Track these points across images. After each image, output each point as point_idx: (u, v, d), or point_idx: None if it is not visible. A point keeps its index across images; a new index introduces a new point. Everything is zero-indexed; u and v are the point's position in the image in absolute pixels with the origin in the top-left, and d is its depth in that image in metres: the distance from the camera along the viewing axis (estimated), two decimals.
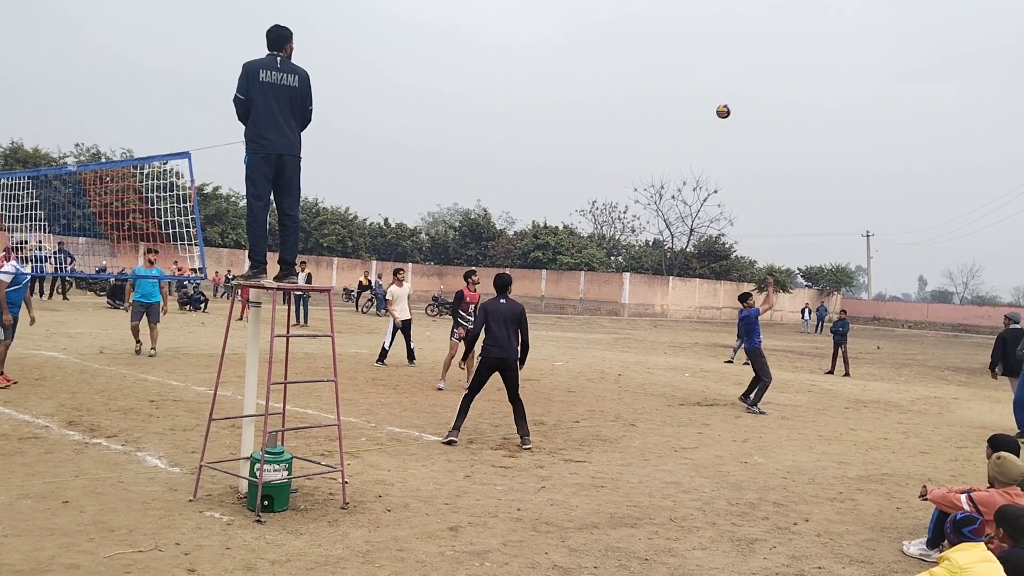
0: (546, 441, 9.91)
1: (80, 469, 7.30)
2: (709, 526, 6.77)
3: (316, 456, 8.05)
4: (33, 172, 12.00)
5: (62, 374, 12.64)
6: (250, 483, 6.45)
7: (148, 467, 7.54)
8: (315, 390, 12.24)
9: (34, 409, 9.82)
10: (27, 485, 6.70)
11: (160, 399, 11.05)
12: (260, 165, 6.59)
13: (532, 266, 61.94)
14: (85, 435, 8.63)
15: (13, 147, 46.70)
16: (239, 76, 6.61)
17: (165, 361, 15.09)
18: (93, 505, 6.26)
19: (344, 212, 63.83)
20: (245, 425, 7.05)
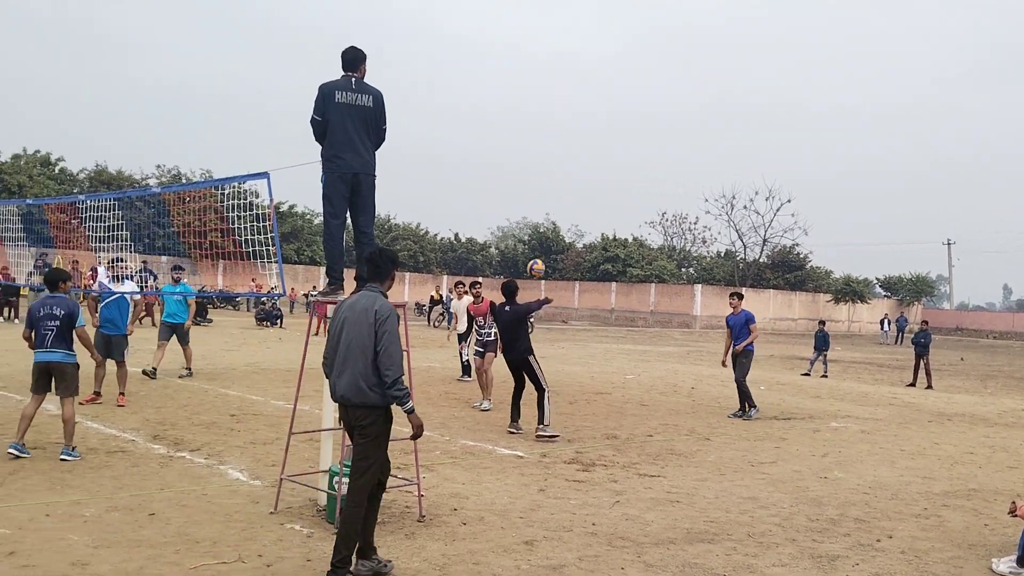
0: (619, 455, 9.86)
1: (165, 482, 7.53)
2: (789, 542, 6.65)
3: (391, 469, 8.13)
4: (119, 194, 12.45)
5: (147, 389, 13.05)
6: (329, 496, 6.57)
7: (230, 480, 7.73)
8: None
9: (121, 423, 10.15)
10: (115, 497, 6.93)
11: (240, 413, 11.32)
12: (337, 184, 6.75)
13: (601, 279, 61.72)
14: (170, 449, 8.89)
15: (98, 170, 48.46)
16: (316, 98, 6.79)
17: (244, 376, 15.46)
18: (178, 517, 6.45)
19: (415, 228, 64.64)
20: (324, 439, 7.18)
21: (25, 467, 7.72)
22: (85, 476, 7.55)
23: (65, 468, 7.78)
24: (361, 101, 6.81)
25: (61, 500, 6.74)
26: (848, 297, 61.86)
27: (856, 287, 61.94)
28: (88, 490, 7.09)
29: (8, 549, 5.50)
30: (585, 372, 20.10)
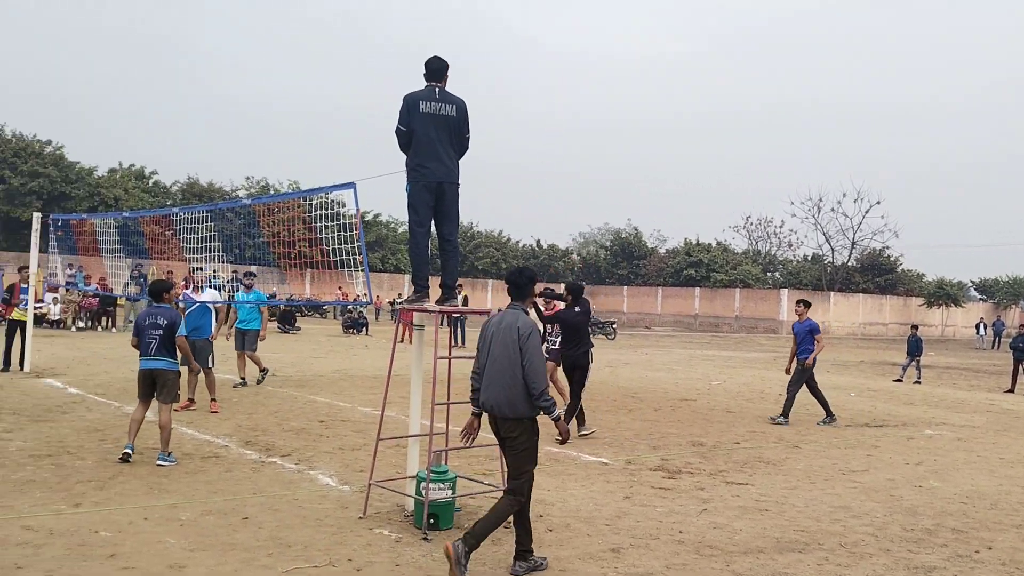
0: (706, 462, 9.71)
1: (258, 487, 7.71)
2: (883, 553, 6.45)
3: (478, 475, 8.19)
4: (211, 206, 12.85)
5: (238, 396, 13.41)
6: (416, 501, 6.64)
7: (320, 485, 7.88)
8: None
9: (214, 429, 10.45)
10: (210, 502, 7.13)
11: (329, 419, 11.54)
12: (421, 193, 6.83)
13: (685, 284, 61.03)
14: (261, 454, 9.12)
15: (190, 182, 50.08)
16: (400, 108, 6.89)
17: (332, 383, 15.76)
18: (271, 521, 6.60)
19: (498, 235, 64.99)
20: (411, 445, 7.27)
21: (124, 472, 8.01)
22: (181, 481, 7.79)
23: (162, 473, 8.04)
24: (445, 111, 6.89)
25: (158, 504, 6.97)
26: (941, 301, 59.75)
27: (950, 290, 59.81)
28: (184, 494, 7.32)
29: (109, 551, 5.71)
30: (669, 378, 19.88)
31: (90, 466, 8.17)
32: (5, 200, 41.06)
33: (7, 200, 41.05)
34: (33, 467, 8.01)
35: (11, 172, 41.00)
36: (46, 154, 43.01)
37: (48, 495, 7.06)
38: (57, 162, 43.06)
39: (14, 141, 42.51)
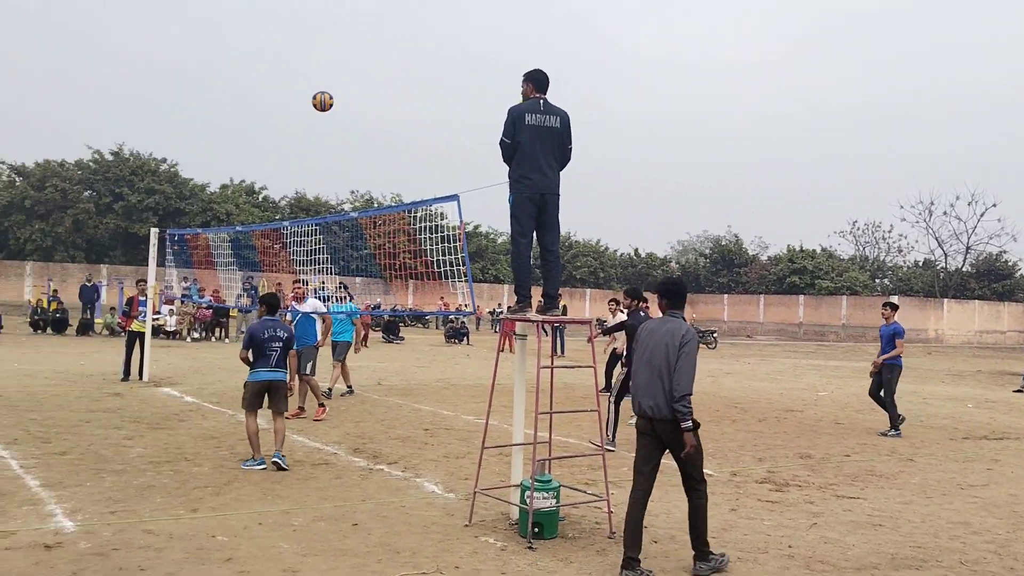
0: (814, 475, 9.45)
1: (366, 493, 7.88)
2: (1007, 571, 6.15)
3: (580, 485, 8.17)
4: (319, 220, 13.23)
5: (346, 404, 13.73)
6: (521, 510, 6.67)
7: (426, 492, 8.00)
8: (575, 419, 12.45)
9: (323, 437, 10.73)
10: (321, 508, 7.32)
11: (433, 427, 11.71)
12: (524, 204, 6.90)
13: (788, 292, 59.58)
14: (369, 461, 9.31)
15: (297, 197, 51.63)
16: (505, 121, 6.98)
17: (436, 392, 15.98)
18: (379, 528, 6.73)
19: (595, 244, 64.81)
20: (515, 453, 7.31)
21: (239, 478, 8.29)
22: (292, 487, 8.02)
23: (275, 479, 8.30)
24: (549, 122, 6.95)
25: (272, 510, 7.20)
26: None
27: None
28: (296, 500, 7.54)
29: (226, 555, 5.92)
30: (774, 388, 19.42)
31: (207, 472, 8.49)
32: (124, 216, 43.12)
33: (125, 216, 43.11)
34: (153, 473, 8.38)
35: (129, 190, 43.06)
36: (161, 172, 45.02)
37: (167, 500, 7.37)
38: (172, 179, 45.03)
39: (132, 160, 44.64)
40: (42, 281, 36.51)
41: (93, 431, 10.44)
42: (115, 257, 43.81)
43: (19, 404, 12.29)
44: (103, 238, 43.34)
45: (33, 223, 41.45)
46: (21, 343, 23.66)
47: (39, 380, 15.23)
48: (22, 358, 19.29)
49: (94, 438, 9.99)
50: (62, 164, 43.73)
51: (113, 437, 10.11)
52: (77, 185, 42.74)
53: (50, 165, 43.21)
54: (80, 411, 11.96)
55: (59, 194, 41.59)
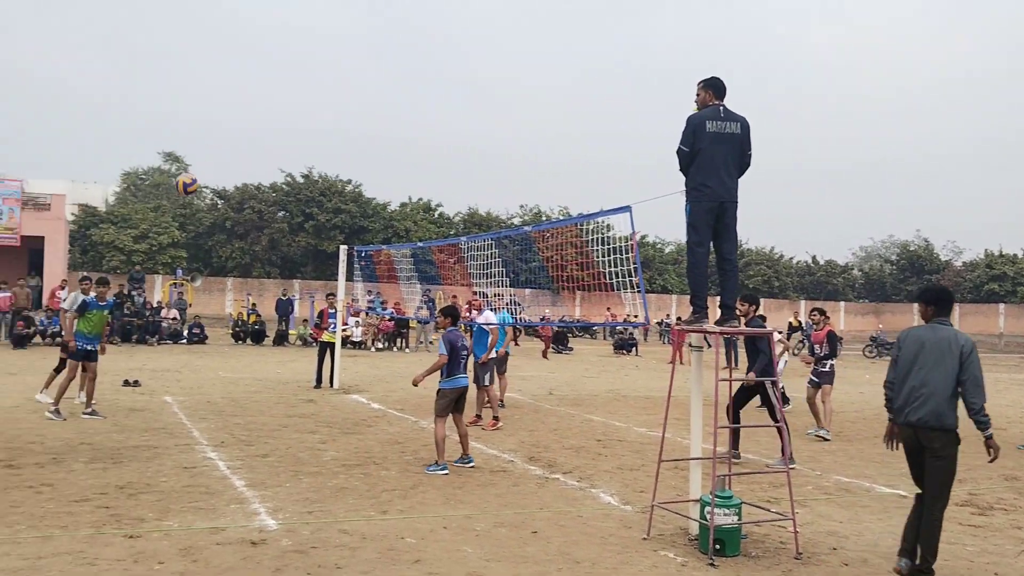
0: (1022, 499, 8.78)
1: (544, 502, 8.00)
2: None
3: (761, 502, 7.96)
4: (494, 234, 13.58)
5: (520, 413, 13.97)
6: (701, 525, 6.58)
7: (603, 503, 8.03)
8: (754, 434, 12.12)
9: (500, 445, 10.97)
10: (501, 514, 7.50)
11: (606, 439, 11.73)
12: (702, 213, 6.83)
13: (986, 300, 55.51)
14: (545, 470, 9.44)
15: (470, 212, 53.01)
16: (684, 129, 6.94)
17: (606, 403, 15.98)
18: (558, 537, 6.82)
19: (769, 252, 62.76)
20: (693, 468, 7.21)
21: (423, 483, 8.61)
22: (473, 493, 8.25)
23: (456, 484, 8.57)
24: (730, 128, 6.86)
25: (455, 514, 7.43)
26: None
27: None
28: (477, 506, 7.75)
29: (415, 557, 6.17)
30: None
31: (394, 476, 8.87)
32: (314, 234, 45.67)
33: (315, 234, 45.64)
34: (345, 475, 8.83)
35: (318, 209, 45.57)
36: (347, 192, 47.37)
37: (359, 502, 7.76)
38: (356, 199, 47.28)
39: (321, 182, 47.24)
40: (242, 295, 39.23)
41: (290, 435, 11.13)
42: (306, 272, 46.48)
43: (225, 409, 13.26)
44: (295, 255, 46.07)
45: (233, 242, 44.62)
46: (224, 353, 25.49)
47: (241, 387, 16.38)
48: (225, 367, 20.80)
49: (291, 442, 10.65)
50: (258, 187, 46.88)
51: (308, 441, 10.74)
52: (272, 206, 45.66)
53: (248, 188, 46.43)
54: (278, 416, 12.78)
55: (256, 215, 44.59)
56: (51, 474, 8.38)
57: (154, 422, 11.77)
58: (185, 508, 7.30)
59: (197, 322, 30.23)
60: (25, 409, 12.42)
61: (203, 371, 19.43)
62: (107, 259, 40.34)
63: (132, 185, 57.82)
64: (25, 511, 7.01)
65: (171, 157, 60.58)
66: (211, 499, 7.65)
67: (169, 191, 55.49)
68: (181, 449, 9.92)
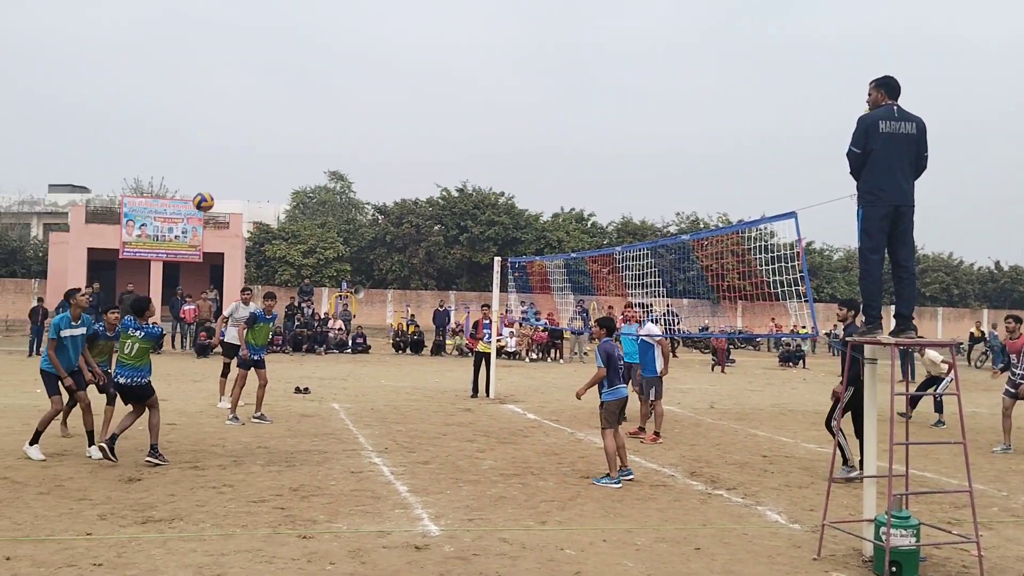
0: None
1: (706, 518, 7.79)
2: None
3: (942, 523, 7.46)
4: (650, 244, 13.41)
5: (680, 427, 13.70)
6: (876, 547, 6.23)
7: (769, 521, 7.74)
8: (932, 452, 11.40)
9: (659, 459, 10.78)
10: (662, 529, 7.35)
11: (772, 455, 11.32)
12: (877, 218, 6.50)
13: None
14: (707, 486, 9.20)
15: (624, 221, 52.66)
16: (855, 130, 6.63)
17: (772, 417, 15.45)
18: (723, 554, 6.62)
19: (947, 258, 59.14)
20: (867, 486, 6.84)
21: (581, 494, 8.57)
22: (633, 506, 8.14)
23: (615, 498, 8.47)
24: (905, 129, 6.51)
25: (615, 527, 7.35)
26: None
27: None
28: (637, 520, 7.64)
29: (575, 569, 6.13)
30: None
31: (552, 487, 8.88)
32: (468, 246, 46.63)
33: (470, 246, 46.58)
34: (504, 484, 8.91)
35: (472, 222, 46.50)
36: (500, 204, 48.11)
37: (518, 511, 7.80)
38: (509, 211, 47.94)
39: (475, 195, 48.20)
40: (401, 307, 40.48)
41: (450, 443, 11.35)
42: (461, 284, 47.50)
43: (387, 416, 13.69)
44: (451, 267, 47.16)
45: (393, 255, 46.15)
46: (386, 362, 26.36)
47: (402, 395, 16.87)
48: (387, 375, 21.50)
49: (451, 449, 10.86)
50: (415, 202, 48.32)
51: (467, 449, 10.92)
52: (428, 220, 46.95)
53: (406, 204, 47.94)
54: (438, 424, 13.07)
55: (414, 229, 45.96)
56: (232, 475, 8.88)
57: (323, 428, 12.28)
58: (353, 511, 7.56)
59: (360, 332, 31.45)
60: (208, 414, 13.24)
61: (366, 379, 20.16)
62: (279, 273, 42.56)
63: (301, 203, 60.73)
64: (209, 510, 7.45)
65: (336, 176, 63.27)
66: (377, 503, 7.89)
67: (334, 208, 58.08)
68: (349, 454, 10.30)
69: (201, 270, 37.06)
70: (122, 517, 7.14)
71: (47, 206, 55.56)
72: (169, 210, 34.83)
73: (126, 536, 6.59)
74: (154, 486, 8.30)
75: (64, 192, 57.62)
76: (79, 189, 58.60)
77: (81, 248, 34.22)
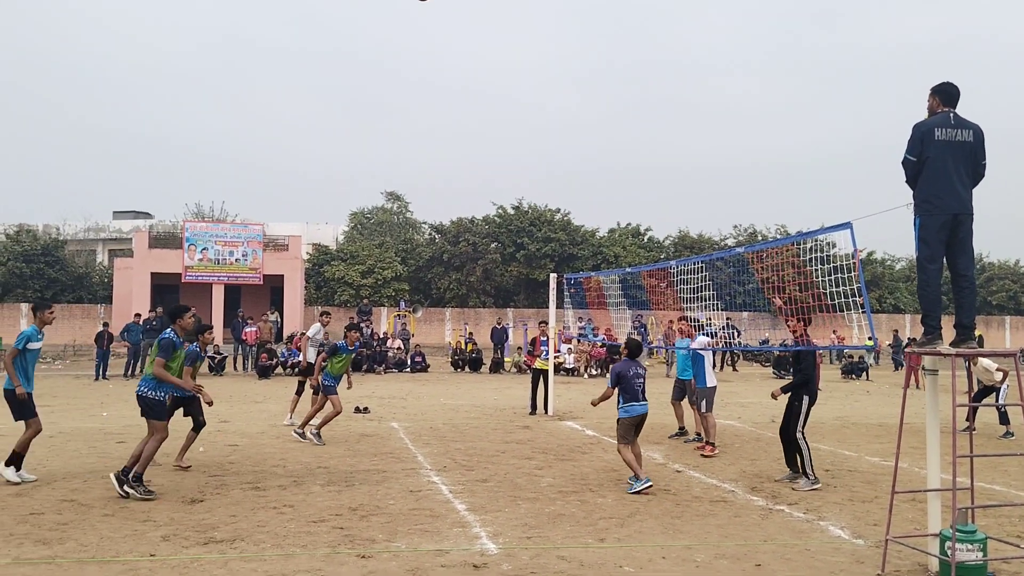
0: None
1: (767, 534, 7.70)
2: None
3: (1010, 537, 7.27)
4: (705, 257, 13.33)
5: (740, 441, 13.54)
6: (941, 562, 6.10)
7: (831, 536, 7.62)
8: (1000, 464, 11.10)
9: (719, 474, 10.67)
10: (722, 545, 7.28)
11: (835, 469, 11.13)
12: (934, 227, 6.41)
13: None
14: (768, 501, 9.09)
15: (681, 235, 52.32)
16: (910, 138, 6.58)
17: (835, 430, 15.18)
18: (784, 570, 6.54)
19: (1014, 265, 57.49)
20: (931, 500, 6.71)
21: (640, 511, 8.53)
22: (693, 523, 8.08)
23: (675, 514, 8.42)
24: (961, 136, 6.43)
25: (674, 544, 7.30)
26: None
27: None
28: (697, 536, 7.58)
29: None
30: None
31: (610, 503, 8.85)
32: (525, 264, 46.76)
33: (527, 263, 46.71)
34: (562, 502, 8.91)
35: (529, 239, 46.65)
36: (556, 221, 48.19)
37: (576, 528, 7.80)
38: (565, 227, 47.98)
39: (530, 212, 48.38)
40: (459, 325, 40.74)
41: (508, 460, 11.39)
42: (519, 301, 47.61)
43: (446, 435, 13.79)
44: (508, 284, 47.34)
45: (450, 274, 46.50)
46: (444, 380, 26.53)
47: (460, 413, 16.97)
48: (446, 393, 21.65)
49: (509, 467, 10.89)
50: (472, 220, 48.67)
51: (525, 467, 10.95)
52: (485, 238, 47.24)
53: (462, 222, 48.31)
54: (496, 442, 13.12)
55: (471, 247, 46.27)
56: (292, 495, 9.04)
57: (382, 447, 12.42)
58: (412, 530, 7.64)
59: (419, 351, 31.69)
60: (269, 435, 13.49)
61: (425, 398, 20.31)
62: (338, 294, 43.16)
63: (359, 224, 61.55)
64: (269, 530, 7.60)
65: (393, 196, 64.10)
66: (435, 522, 7.96)
67: (392, 228, 58.72)
68: (407, 473, 10.40)
69: (261, 292, 37.82)
70: (184, 538, 7.32)
71: (112, 233, 57.15)
72: (230, 234, 35.69)
73: (188, 557, 6.76)
74: (216, 507, 8.49)
75: (128, 219, 59.21)
76: (142, 215, 60.20)
77: (145, 273, 35.18)
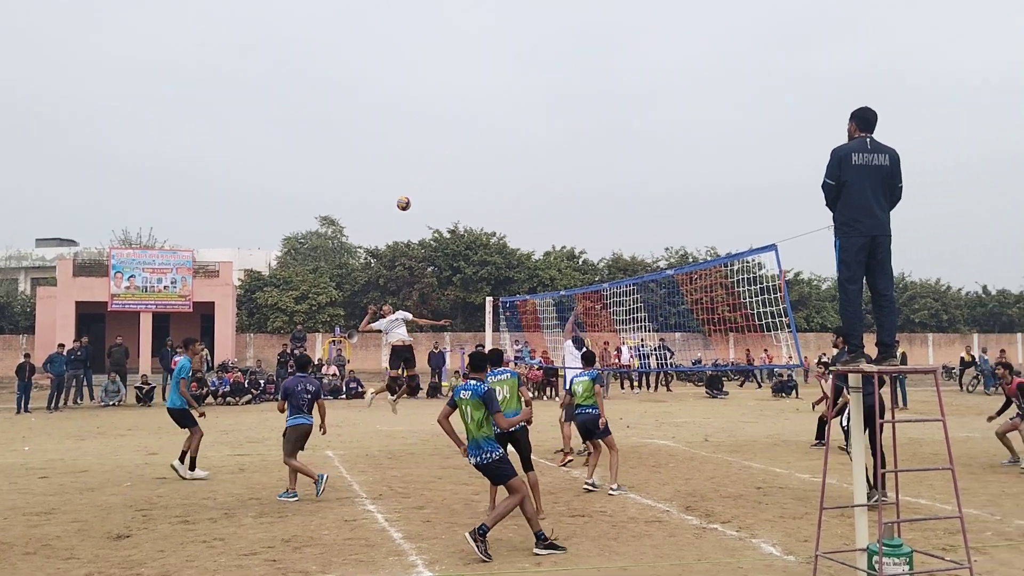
0: None
1: (701, 553, 7.78)
2: None
3: (935, 550, 7.47)
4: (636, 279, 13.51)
5: (674, 461, 13.68)
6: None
7: (763, 554, 7.73)
8: (926, 478, 11.42)
9: (654, 494, 10.76)
10: (657, 566, 7.34)
11: (766, 486, 11.31)
12: (854, 248, 6.61)
13: None
14: (702, 520, 9.19)
15: (614, 257, 52.90)
16: (828, 163, 6.79)
17: (766, 448, 15.44)
18: None
19: (935, 284, 59.47)
20: (858, 516, 6.86)
21: (576, 534, 8.56)
22: (628, 544, 8.13)
23: (611, 536, 8.46)
24: (878, 161, 6.66)
25: (610, 566, 7.34)
26: None
27: None
28: (632, 557, 7.62)
29: None
30: None
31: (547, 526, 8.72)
32: (461, 287, 46.75)
33: (463, 287, 46.71)
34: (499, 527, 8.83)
35: (465, 263, 46.68)
36: (492, 244, 48.35)
37: (513, 553, 7.84)
38: (501, 250, 48.15)
39: (466, 236, 48.45)
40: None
41: (445, 487, 11.31)
42: (456, 325, 47.53)
43: (382, 462, 13.65)
44: (445, 308, 47.21)
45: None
46: (380, 406, 26.25)
47: (397, 440, 16.82)
48: (382, 420, 21.42)
49: (446, 493, 10.82)
50: (408, 245, 48.53)
51: (462, 492, 10.88)
52: (421, 262, 47.13)
53: (398, 246, 48.13)
54: (433, 468, 13.02)
55: (407, 271, 46.12)
56: (223, 528, 8.84)
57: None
58: (347, 560, 7.53)
59: (354, 377, 31.35)
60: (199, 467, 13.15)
61: (361, 425, 20.10)
62: (271, 320, 42.51)
63: (292, 249, 60.86)
64: (199, 565, 7.41)
65: (327, 220, 63.58)
66: (371, 551, 7.86)
67: (326, 253, 58.18)
68: (342, 502, 10.26)
69: (191, 320, 37.01)
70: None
71: (35, 260, 55.48)
72: (158, 261, 34.93)
73: None
74: (143, 542, 8.25)
75: (52, 246, 57.56)
76: (67, 242, 58.54)
77: (69, 302, 34.18)
